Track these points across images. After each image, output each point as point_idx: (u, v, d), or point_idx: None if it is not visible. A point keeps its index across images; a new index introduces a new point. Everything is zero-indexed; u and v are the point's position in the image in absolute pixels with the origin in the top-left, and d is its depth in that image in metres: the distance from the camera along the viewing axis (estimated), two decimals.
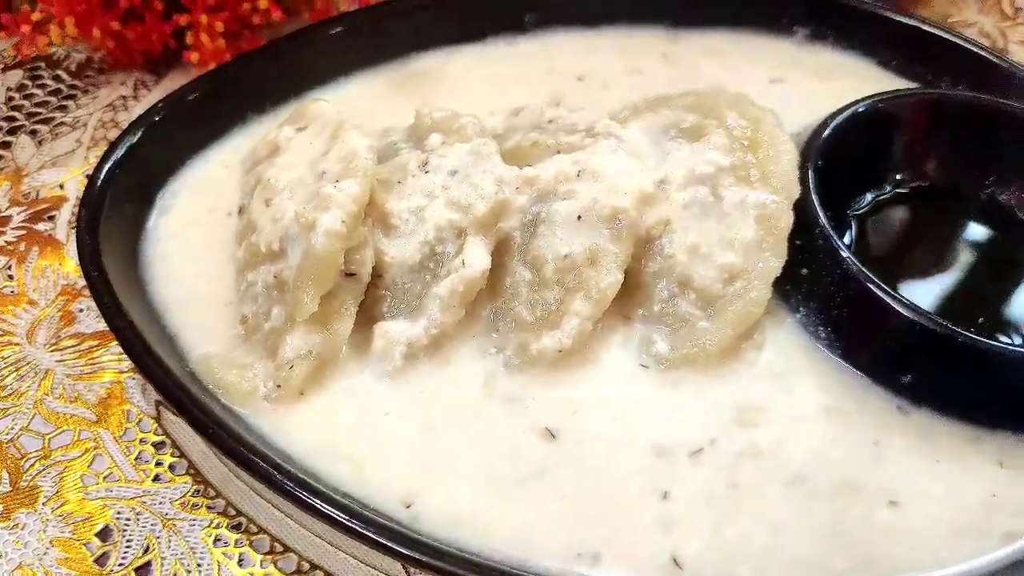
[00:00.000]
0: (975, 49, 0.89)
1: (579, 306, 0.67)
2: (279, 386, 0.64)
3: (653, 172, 0.72)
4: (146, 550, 0.63)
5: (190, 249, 0.75)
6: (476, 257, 0.67)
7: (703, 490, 0.62)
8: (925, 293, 0.74)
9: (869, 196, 0.81)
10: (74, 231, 0.78)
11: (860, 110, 0.76)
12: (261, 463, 0.56)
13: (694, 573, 0.58)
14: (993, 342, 0.65)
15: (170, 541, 0.64)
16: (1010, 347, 0.66)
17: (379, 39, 0.91)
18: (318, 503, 0.55)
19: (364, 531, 0.54)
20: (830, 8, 0.94)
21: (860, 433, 0.65)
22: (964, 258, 0.78)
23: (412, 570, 0.62)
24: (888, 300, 0.66)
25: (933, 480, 0.63)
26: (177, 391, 0.60)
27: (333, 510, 0.55)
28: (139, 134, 0.76)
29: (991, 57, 0.88)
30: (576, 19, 0.96)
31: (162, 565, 0.63)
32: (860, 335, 0.69)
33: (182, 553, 0.63)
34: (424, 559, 0.53)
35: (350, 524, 0.54)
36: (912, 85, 0.92)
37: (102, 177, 0.73)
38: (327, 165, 0.69)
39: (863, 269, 0.67)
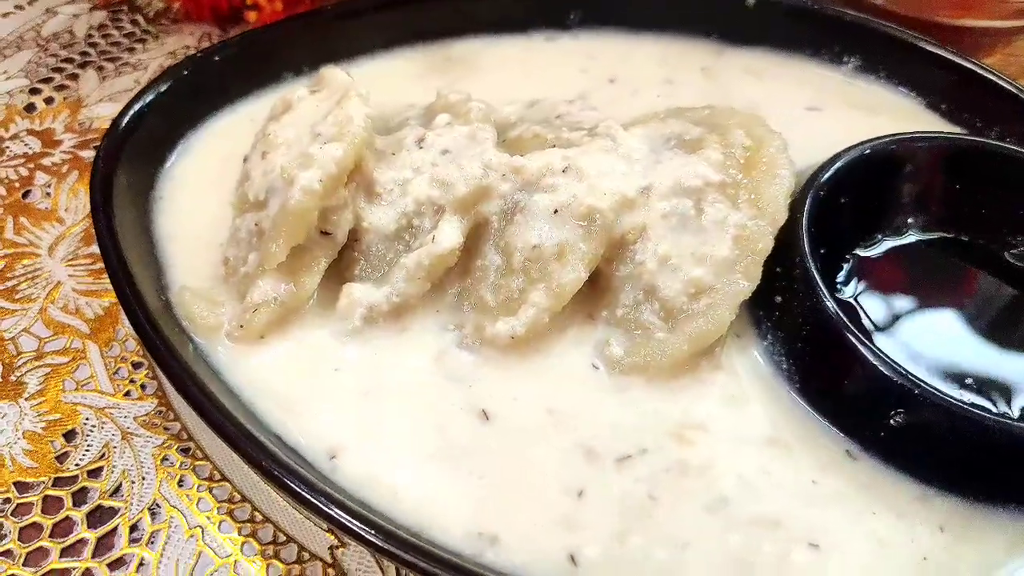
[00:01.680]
0: None
1: (538, 297, 0.68)
2: (241, 326, 0.68)
3: (639, 178, 0.71)
4: (101, 456, 0.68)
5: (200, 191, 0.79)
6: (447, 235, 0.69)
7: (620, 497, 0.61)
8: (911, 344, 0.71)
9: (881, 236, 0.78)
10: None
11: (867, 152, 0.74)
12: (195, 390, 0.60)
13: (587, 574, 0.58)
14: (958, 402, 0.61)
15: (124, 452, 0.68)
16: (976, 411, 0.62)
17: (424, 19, 0.94)
18: (240, 439, 0.58)
19: (274, 472, 0.56)
20: (884, 41, 0.91)
21: (798, 470, 0.63)
22: (968, 315, 0.74)
23: None
24: (855, 344, 0.63)
25: (864, 531, 0.61)
26: (139, 314, 0.64)
27: (252, 448, 0.58)
28: (171, 81, 0.82)
29: None
30: (621, 20, 0.96)
31: (111, 473, 0.67)
32: (820, 373, 0.67)
33: (131, 465, 0.68)
34: (321, 506, 0.55)
35: (259, 461, 0.57)
36: (957, 130, 0.88)
37: (131, 113, 0.78)
38: (323, 127, 0.72)
39: (836, 309, 0.65)
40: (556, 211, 0.69)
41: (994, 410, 0.66)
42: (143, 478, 0.67)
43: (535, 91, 0.87)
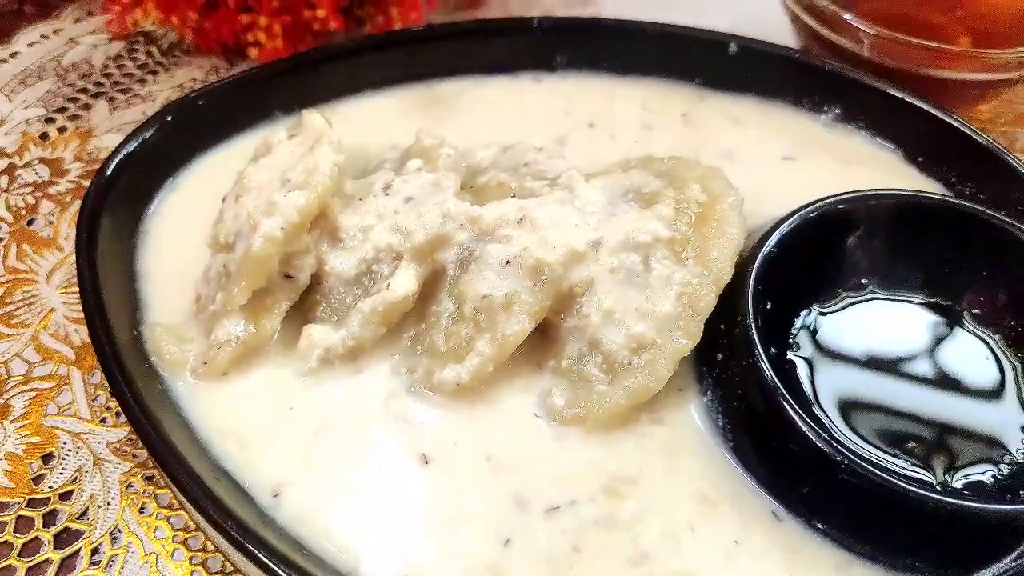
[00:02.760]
0: (1006, 157, 0.83)
1: (483, 346, 0.70)
2: (205, 363, 0.72)
3: (591, 231, 0.73)
4: (73, 480, 0.73)
5: (186, 228, 0.84)
6: (402, 282, 0.72)
7: (545, 547, 0.64)
8: (863, 404, 0.71)
9: (843, 293, 0.78)
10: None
11: (818, 212, 0.74)
12: (144, 423, 0.64)
13: None
14: (882, 473, 0.62)
15: (94, 477, 0.73)
16: (900, 481, 0.62)
17: (415, 60, 0.97)
18: (180, 474, 0.62)
19: (206, 507, 0.60)
20: (863, 91, 0.91)
21: (723, 528, 0.65)
22: (922, 377, 0.74)
23: None
24: (785, 408, 0.64)
25: None
26: (102, 343, 0.68)
27: (189, 483, 0.62)
28: (164, 119, 0.86)
29: (1017, 166, 0.82)
30: (607, 64, 0.98)
31: (81, 496, 0.72)
32: (753, 434, 0.68)
33: (98, 490, 0.72)
34: (249, 547, 0.59)
35: (195, 496, 0.60)
36: (933, 184, 0.88)
37: (122, 152, 0.83)
38: (293, 174, 0.76)
39: (771, 373, 0.66)
40: (507, 262, 0.72)
41: (933, 478, 0.67)
42: (108, 503, 0.72)
43: (515, 133, 0.89)
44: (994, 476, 0.67)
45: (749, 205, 0.81)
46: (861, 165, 0.90)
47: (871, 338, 0.76)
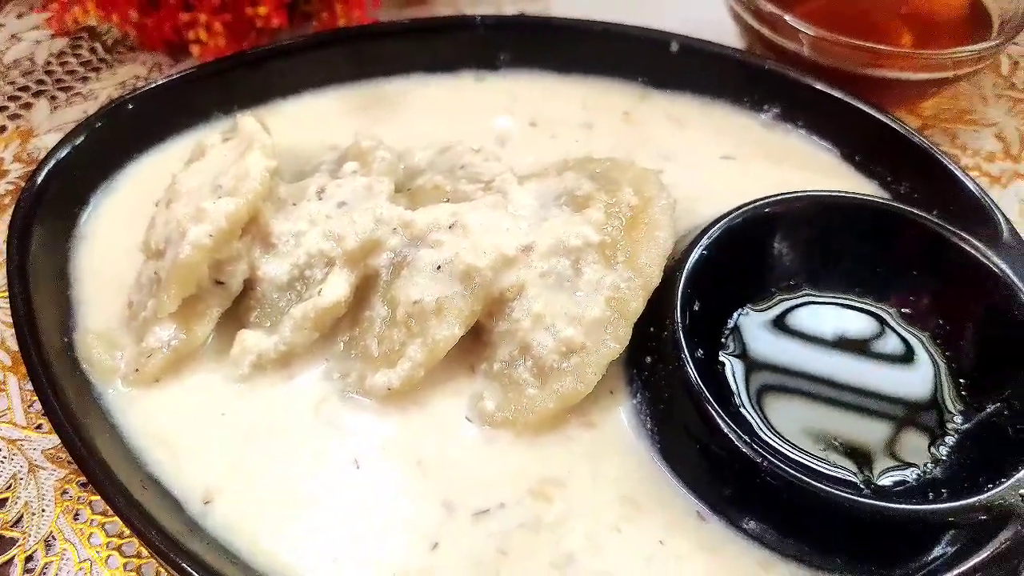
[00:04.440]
0: (936, 155, 0.85)
1: (414, 351, 0.70)
2: (136, 370, 0.72)
3: (522, 236, 0.74)
4: (8, 487, 0.73)
5: (122, 232, 0.83)
6: (333, 288, 0.72)
7: (472, 550, 0.64)
8: (792, 403, 0.72)
9: (775, 293, 0.79)
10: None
11: (747, 215, 0.75)
12: (68, 430, 0.64)
13: None
14: (798, 475, 0.63)
15: (28, 484, 0.73)
16: (817, 484, 0.63)
17: (356, 59, 0.97)
18: (104, 483, 0.62)
19: (130, 518, 0.60)
20: (802, 90, 0.91)
21: (648, 529, 0.66)
22: (852, 376, 0.75)
23: None
24: (707, 409, 0.65)
25: None
26: (30, 350, 0.68)
27: (112, 493, 0.62)
28: (104, 119, 0.86)
29: (949, 165, 0.83)
30: (549, 62, 0.98)
31: (15, 503, 0.72)
32: (677, 436, 0.69)
33: (33, 497, 0.72)
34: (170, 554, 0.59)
35: (119, 506, 0.61)
36: (869, 183, 0.89)
37: (56, 155, 0.82)
38: (224, 179, 0.75)
39: (693, 372, 0.67)
40: (439, 267, 0.72)
41: (858, 477, 0.68)
42: (43, 510, 0.72)
43: (457, 132, 0.90)
44: (918, 475, 0.69)
45: (687, 204, 0.83)
46: (799, 164, 0.90)
47: (801, 338, 0.77)
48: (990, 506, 0.61)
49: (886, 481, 0.69)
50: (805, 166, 0.90)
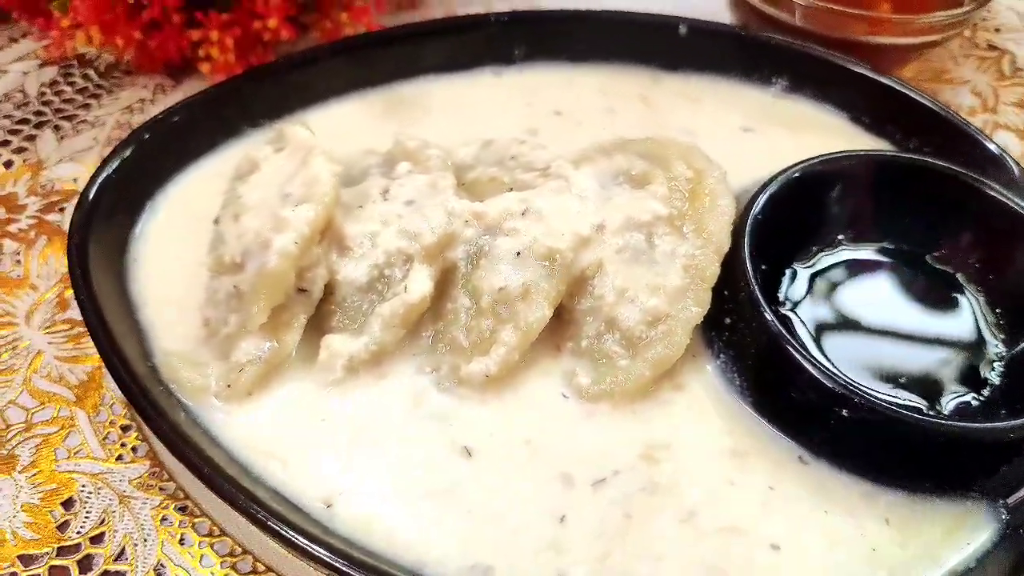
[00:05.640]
0: (938, 110, 0.91)
1: (507, 336, 0.72)
2: (228, 386, 0.71)
3: (592, 216, 0.77)
4: (101, 522, 0.71)
5: (173, 252, 0.82)
6: (418, 284, 0.73)
7: (598, 518, 0.67)
8: (852, 349, 0.77)
9: (819, 251, 0.84)
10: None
11: (795, 175, 0.80)
12: (192, 455, 0.63)
13: None
14: (891, 403, 0.68)
15: (123, 516, 0.71)
16: (907, 410, 0.69)
17: (373, 64, 0.98)
18: (242, 498, 0.62)
19: (280, 530, 0.60)
20: (807, 61, 0.97)
21: (756, 478, 0.69)
22: (899, 318, 0.80)
23: None
24: (795, 356, 0.69)
25: (818, 530, 0.67)
26: (132, 385, 0.67)
27: (253, 505, 0.62)
28: (135, 145, 0.84)
29: (954, 120, 0.90)
30: (563, 53, 1.01)
31: (114, 537, 0.70)
32: (769, 387, 0.73)
33: (131, 528, 0.71)
34: (317, 552, 0.60)
35: (263, 519, 0.61)
36: (881, 143, 0.95)
37: (98, 182, 0.80)
38: (292, 188, 0.76)
39: (776, 324, 0.71)
40: (519, 253, 0.74)
41: (925, 406, 0.73)
42: (145, 540, 0.70)
43: (486, 128, 0.92)
44: (976, 399, 0.75)
45: None
46: (812, 130, 0.96)
47: (848, 288, 0.82)
48: None
49: (949, 409, 0.74)
50: (818, 131, 0.96)
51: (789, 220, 0.82)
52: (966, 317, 0.80)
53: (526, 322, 0.72)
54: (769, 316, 0.72)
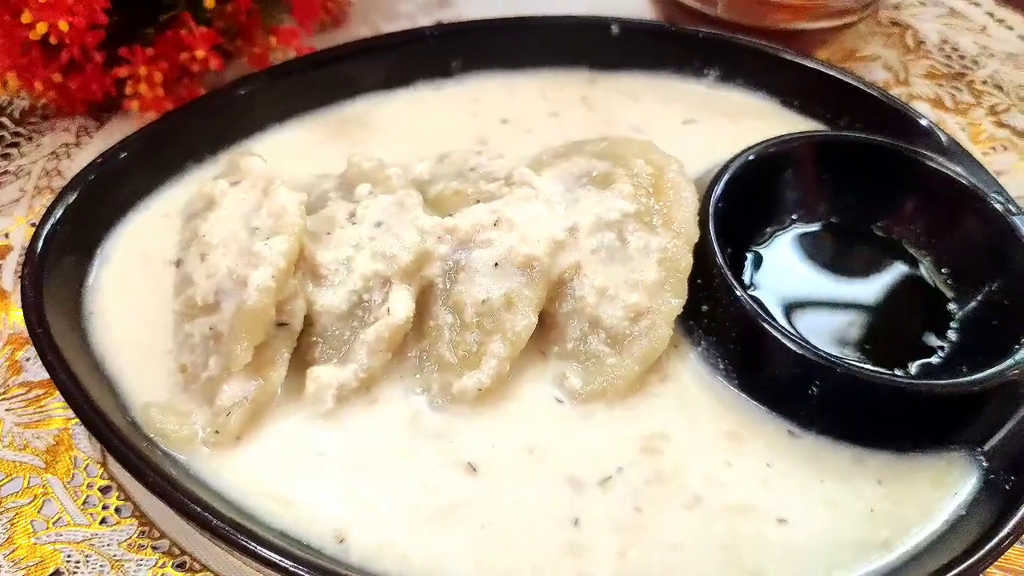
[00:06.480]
0: (865, 88, 0.96)
1: (497, 347, 0.72)
2: (217, 432, 0.69)
3: (564, 219, 0.77)
4: None
5: (130, 299, 0.79)
6: (400, 305, 0.73)
7: (610, 516, 0.68)
8: (818, 323, 0.80)
9: (771, 231, 0.87)
10: (20, 281, 0.82)
11: (751, 157, 0.83)
12: (200, 511, 0.61)
13: None
14: (869, 370, 0.72)
15: None
16: (885, 375, 0.73)
17: (311, 87, 0.96)
18: (254, 546, 0.60)
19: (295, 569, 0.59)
20: (736, 50, 1.00)
21: (753, 457, 0.71)
22: (856, 289, 0.84)
23: None
24: (774, 334, 0.72)
25: (819, 499, 0.69)
26: (120, 445, 0.64)
27: (269, 552, 0.60)
28: (78, 191, 0.80)
29: (877, 95, 0.95)
30: (499, 62, 1.02)
31: None
32: (751, 366, 0.75)
33: None
34: None
35: (283, 564, 0.59)
36: (814, 124, 0.99)
37: (44, 235, 0.76)
38: (259, 221, 0.74)
39: (753, 306, 0.74)
40: (496, 264, 0.74)
41: (894, 369, 0.77)
42: None
43: (435, 142, 0.91)
44: (938, 358, 0.79)
45: None
46: (749, 117, 0.99)
47: (806, 265, 0.86)
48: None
49: (916, 369, 0.78)
50: (755, 117, 0.99)
51: (744, 205, 0.85)
52: (917, 282, 0.85)
53: (514, 331, 0.72)
54: (745, 299, 0.74)
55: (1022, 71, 1.16)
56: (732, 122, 0.99)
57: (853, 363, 0.72)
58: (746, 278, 0.82)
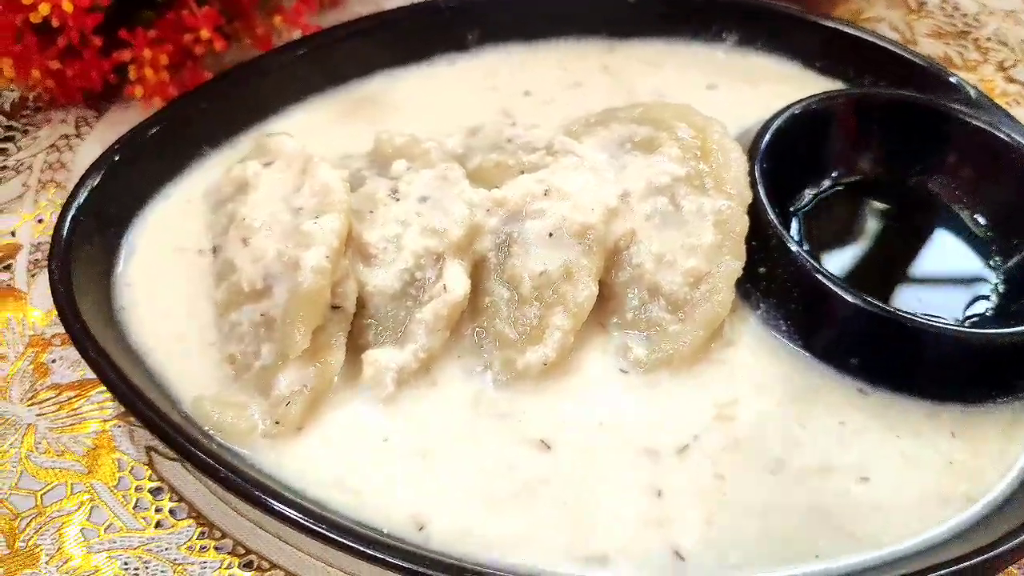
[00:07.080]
0: (888, 46, 0.95)
1: (559, 320, 0.70)
2: (277, 422, 0.65)
3: (614, 186, 0.75)
4: None
5: (163, 291, 0.75)
6: (457, 281, 0.70)
7: (692, 485, 0.66)
8: (867, 280, 0.80)
9: (809, 193, 0.86)
10: (34, 279, 0.78)
11: (796, 112, 0.82)
12: (283, 506, 0.58)
13: (695, 563, 0.62)
14: (939, 322, 0.71)
15: None
16: (955, 327, 0.72)
17: (325, 66, 0.92)
18: (340, 536, 0.57)
19: (392, 559, 0.56)
20: (755, 14, 0.99)
21: (826, 416, 0.70)
22: (899, 246, 0.84)
23: None
24: (838, 291, 0.71)
25: (897, 455, 0.69)
26: (183, 440, 0.60)
27: (374, 550, 0.57)
28: (97, 179, 0.76)
29: (903, 52, 0.95)
30: (515, 34, 0.99)
31: None
32: (816, 325, 0.74)
33: None
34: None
35: (382, 556, 0.56)
36: (836, 84, 0.98)
37: (67, 228, 0.72)
38: (302, 201, 0.70)
39: (813, 263, 0.73)
40: (551, 234, 0.72)
41: (949, 319, 0.77)
42: None
43: (458, 117, 0.88)
44: (990, 310, 0.79)
45: None
46: (771, 81, 0.98)
47: (848, 224, 0.85)
48: None
49: (972, 321, 0.78)
50: (776, 81, 0.98)
51: (783, 166, 0.84)
52: (959, 235, 0.85)
53: (576, 302, 0.70)
54: (804, 257, 0.73)
55: (1023, 27, 1.17)
56: (753, 87, 0.97)
57: (921, 317, 0.71)
58: (797, 239, 0.81)
